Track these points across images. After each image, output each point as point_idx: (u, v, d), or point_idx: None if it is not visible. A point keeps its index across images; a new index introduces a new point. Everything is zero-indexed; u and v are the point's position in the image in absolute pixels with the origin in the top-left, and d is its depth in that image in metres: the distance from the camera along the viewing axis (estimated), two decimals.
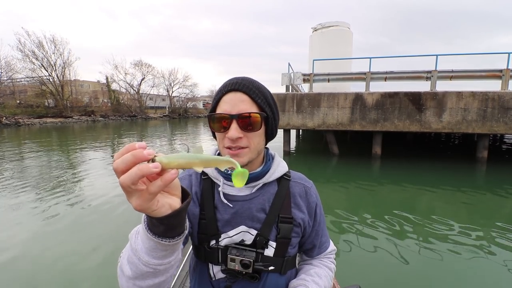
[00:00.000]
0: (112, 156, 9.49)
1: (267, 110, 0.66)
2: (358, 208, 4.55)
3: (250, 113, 0.63)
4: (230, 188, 0.72)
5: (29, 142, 13.29)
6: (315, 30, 10.50)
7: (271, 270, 0.70)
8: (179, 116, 46.75)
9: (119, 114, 38.80)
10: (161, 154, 0.38)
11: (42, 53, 31.69)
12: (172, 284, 1.75)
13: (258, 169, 0.72)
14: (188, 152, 0.41)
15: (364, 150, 9.49)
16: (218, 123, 0.64)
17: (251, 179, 0.71)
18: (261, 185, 0.72)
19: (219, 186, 0.73)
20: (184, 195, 0.48)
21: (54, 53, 32.67)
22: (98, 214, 4.23)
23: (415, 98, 7.60)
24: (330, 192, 5.47)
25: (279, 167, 0.75)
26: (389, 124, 7.83)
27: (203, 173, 0.76)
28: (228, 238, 0.70)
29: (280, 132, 9.42)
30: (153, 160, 0.37)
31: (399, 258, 2.95)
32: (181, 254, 0.58)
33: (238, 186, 0.45)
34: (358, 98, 7.94)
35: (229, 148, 0.65)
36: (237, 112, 0.62)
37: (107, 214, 4.24)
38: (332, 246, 0.87)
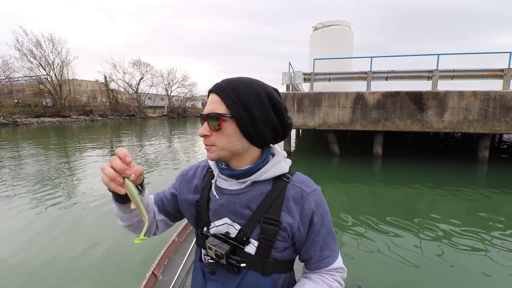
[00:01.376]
0: (112, 154, 9.41)
1: (232, 111, 0.65)
2: (359, 208, 4.54)
3: (209, 113, 0.67)
4: (223, 181, 0.75)
5: (27, 141, 13.19)
6: (316, 29, 10.43)
7: (251, 267, 0.71)
8: (178, 115, 46.55)
9: (118, 113, 38.58)
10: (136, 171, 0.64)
11: (40, 52, 31.44)
12: (172, 283, 1.80)
13: (246, 167, 0.72)
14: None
15: (364, 150, 9.47)
16: (200, 122, 0.71)
17: (240, 175, 0.72)
18: (249, 182, 0.72)
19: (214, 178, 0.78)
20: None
21: (52, 52, 32.43)
22: (96, 213, 4.20)
23: (417, 98, 7.56)
24: (331, 192, 5.46)
25: (275, 168, 0.72)
26: (390, 123, 7.80)
27: (209, 165, 0.82)
28: (215, 227, 0.74)
29: None
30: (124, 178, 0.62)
31: (400, 258, 2.94)
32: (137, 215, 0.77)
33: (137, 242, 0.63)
34: (359, 97, 7.90)
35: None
36: (206, 112, 0.68)
37: (104, 213, 4.20)
38: (338, 263, 0.76)
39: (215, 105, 0.67)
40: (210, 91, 0.69)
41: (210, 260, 0.75)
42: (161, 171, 7.09)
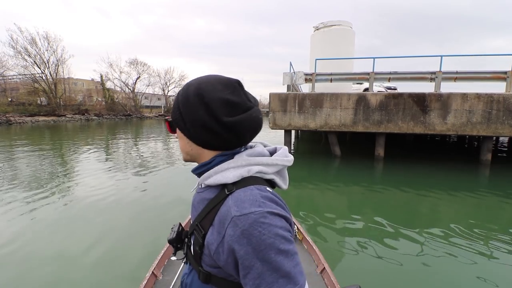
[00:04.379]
0: (107, 155, 9.20)
1: (172, 115, 0.67)
2: (360, 210, 4.53)
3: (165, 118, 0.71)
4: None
5: (21, 140, 12.89)
6: (317, 29, 10.30)
7: (193, 267, 0.69)
8: None
9: (114, 113, 38.21)
10: None
11: (35, 50, 31.10)
12: (172, 283, 1.82)
13: (194, 168, 0.71)
14: None
15: (365, 151, 9.37)
16: None
17: (195, 175, 0.72)
18: (203, 184, 0.68)
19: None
20: None
21: (47, 50, 32.07)
22: (95, 213, 4.12)
23: (420, 100, 7.47)
24: (332, 193, 5.39)
25: (218, 175, 0.63)
26: (392, 125, 7.69)
27: None
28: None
29: (281, 133, 9.24)
30: None
31: (400, 259, 2.96)
32: None
33: None
34: (361, 98, 7.78)
35: None
36: None
37: (103, 213, 4.12)
38: None
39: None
40: None
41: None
42: (158, 171, 6.90)
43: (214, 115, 0.60)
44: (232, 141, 0.63)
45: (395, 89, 11.58)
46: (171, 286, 1.81)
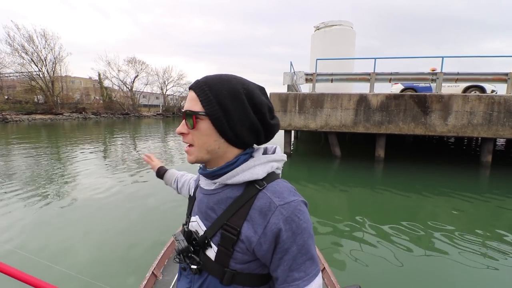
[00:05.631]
0: (104, 154, 9.11)
1: (207, 109, 0.63)
2: (360, 210, 4.53)
3: (185, 111, 0.66)
4: (203, 180, 0.75)
5: (17, 139, 12.75)
6: (318, 29, 10.25)
7: (210, 272, 0.68)
8: (173, 114, 46.05)
9: (111, 111, 37.97)
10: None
11: (32, 48, 30.71)
12: (172, 283, 1.83)
13: (214, 168, 0.70)
14: None
15: (365, 152, 9.34)
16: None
17: (208, 175, 0.70)
18: (220, 184, 0.69)
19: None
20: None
21: (44, 48, 31.69)
22: (95, 213, 4.11)
23: (421, 100, 7.44)
24: (332, 194, 5.38)
25: (246, 172, 0.66)
26: (393, 126, 7.66)
27: None
28: (190, 223, 0.76)
29: (281, 133, 9.19)
30: None
31: (400, 260, 2.96)
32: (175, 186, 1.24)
33: None
34: (362, 99, 7.74)
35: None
36: (184, 109, 0.67)
37: (103, 212, 4.11)
38: None
39: (192, 102, 0.65)
40: (190, 88, 0.68)
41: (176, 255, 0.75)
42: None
43: (261, 117, 0.66)
44: (260, 141, 0.70)
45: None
46: (171, 286, 1.80)
